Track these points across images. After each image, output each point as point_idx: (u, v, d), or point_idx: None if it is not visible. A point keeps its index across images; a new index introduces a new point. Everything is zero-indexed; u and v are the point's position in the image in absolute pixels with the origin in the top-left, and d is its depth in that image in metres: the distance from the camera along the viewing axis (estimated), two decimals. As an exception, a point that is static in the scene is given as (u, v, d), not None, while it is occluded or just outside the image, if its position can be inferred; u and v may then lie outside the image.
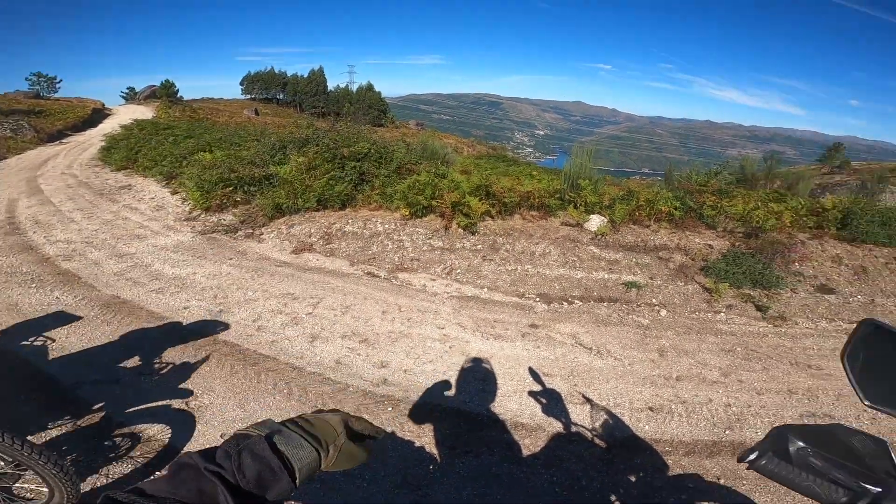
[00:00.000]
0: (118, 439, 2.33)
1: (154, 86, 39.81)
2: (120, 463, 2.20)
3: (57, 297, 3.88)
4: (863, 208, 5.43)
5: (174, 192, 7.78)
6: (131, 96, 39.96)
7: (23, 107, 20.58)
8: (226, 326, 3.53)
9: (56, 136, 16.86)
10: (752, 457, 0.65)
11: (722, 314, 4.18)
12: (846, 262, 4.97)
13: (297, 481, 0.59)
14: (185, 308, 3.81)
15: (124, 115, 23.49)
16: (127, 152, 10.54)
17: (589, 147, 6.58)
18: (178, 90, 37.52)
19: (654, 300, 4.36)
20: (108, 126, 18.81)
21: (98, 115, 23.89)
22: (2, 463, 1.69)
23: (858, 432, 0.69)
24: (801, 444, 0.67)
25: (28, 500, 1.88)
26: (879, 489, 0.59)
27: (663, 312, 4.16)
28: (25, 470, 1.70)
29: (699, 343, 3.65)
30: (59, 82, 33.89)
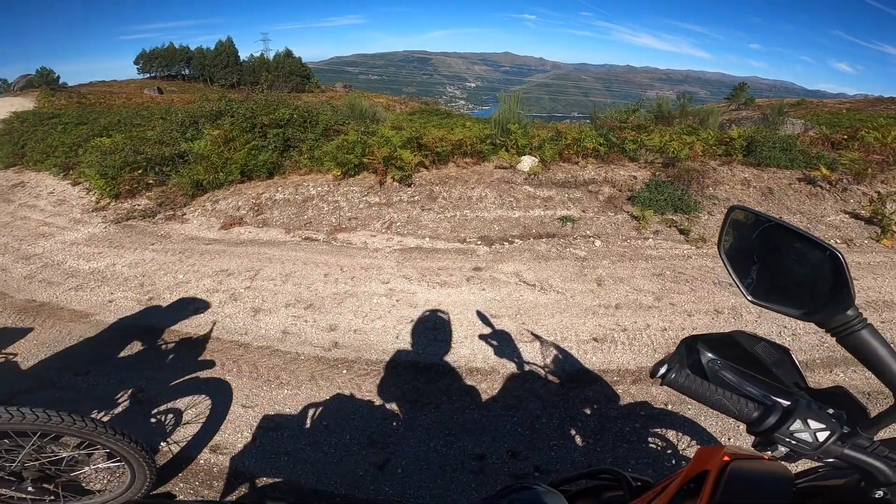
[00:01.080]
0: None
1: (29, 75, 35.15)
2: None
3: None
4: (765, 137, 5.91)
5: (75, 184, 6.97)
6: (5, 88, 34.92)
7: None
8: (159, 314, 3.32)
9: (-87, 138, 14.34)
10: (663, 371, 0.59)
11: (650, 240, 4.44)
12: (754, 185, 5.38)
13: None
14: (109, 301, 3.52)
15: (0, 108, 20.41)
16: (12, 147, 9.27)
17: (516, 94, 6.60)
18: (58, 77, 33.25)
19: (588, 232, 4.57)
20: (-20, 121, 16.26)
21: (-35, 111, 20.52)
22: (66, 450, 1.60)
23: (760, 339, 0.67)
24: (710, 355, 0.64)
25: (100, 491, 1.78)
26: (787, 403, 0.57)
27: (598, 243, 4.38)
28: (93, 455, 1.63)
29: (632, 270, 3.84)
30: None
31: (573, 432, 2.25)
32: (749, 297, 0.65)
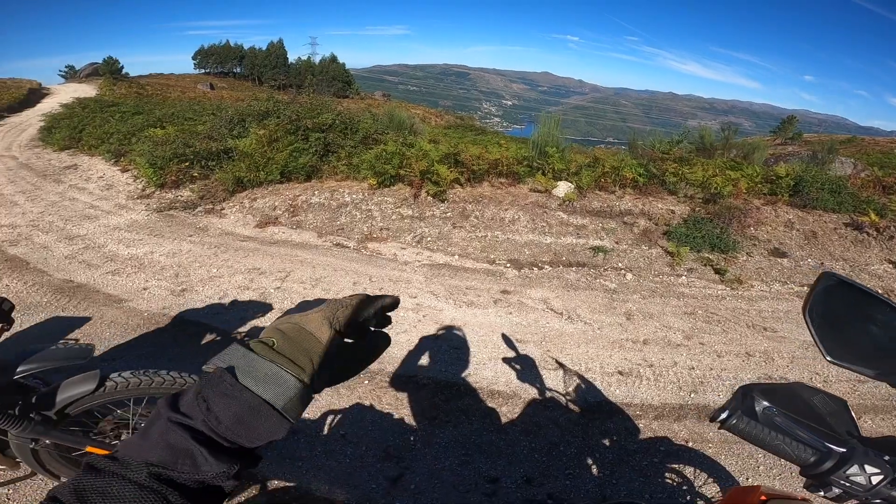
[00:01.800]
0: None
1: (96, 63, 37.20)
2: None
3: (6, 285, 3.62)
4: (813, 176, 5.67)
5: (124, 170, 7.31)
6: (71, 75, 37.12)
7: None
8: (190, 306, 3.41)
9: (-13, 119, 15.46)
10: (724, 416, 0.65)
11: (683, 277, 4.32)
12: (798, 227, 5.18)
13: (288, 417, 0.47)
14: (144, 289, 3.64)
15: (64, 93, 21.77)
16: (70, 131, 9.81)
17: (556, 116, 6.58)
18: (122, 66, 35.09)
19: (620, 264, 4.48)
20: (47, 105, 17.39)
21: (35, 95, 22.02)
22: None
23: (818, 391, 0.71)
24: (766, 403, 0.67)
25: None
26: (844, 450, 0.61)
27: (629, 276, 4.28)
28: None
29: (663, 306, 3.76)
30: (-13, 63, 31.01)
31: (590, 462, 2.22)
32: (828, 358, 0.70)
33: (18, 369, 1.46)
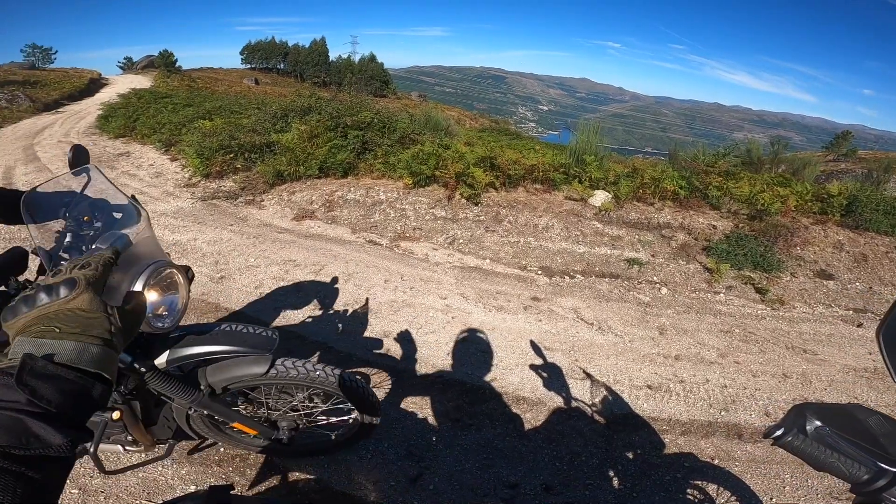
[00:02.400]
0: None
1: (152, 56, 39.19)
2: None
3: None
4: (868, 196, 5.36)
5: (173, 159, 7.68)
6: (129, 66, 39.25)
7: (18, 78, 20.15)
8: (229, 293, 3.53)
9: (52, 106, 16.56)
10: (778, 433, 0.67)
11: (721, 295, 4.18)
12: (847, 249, 4.93)
13: (105, 375, 0.55)
14: (186, 273, 3.80)
15: (122, 84, 23.04)
16: (125, 120, 10.38)
17: (595, 123, 6.47)
18: (176, 60, 36.87)
19: (655, 278, 4.36)
20: (106, 95, 18.46)
21: (95, 84, 23.42)
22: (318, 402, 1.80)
23: (875, 412, 0.71)
24: (818, 423, 0.68)
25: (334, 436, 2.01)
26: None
27: (664, 290, 4.17)
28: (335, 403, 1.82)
29: (698, 322, 3.66)
30: (54, 53, 33.34)
31: (611, 474, 2.19)
32: None
33: (214, 349, 1.51)
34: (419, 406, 2.48)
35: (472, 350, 3.03)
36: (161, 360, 1.46)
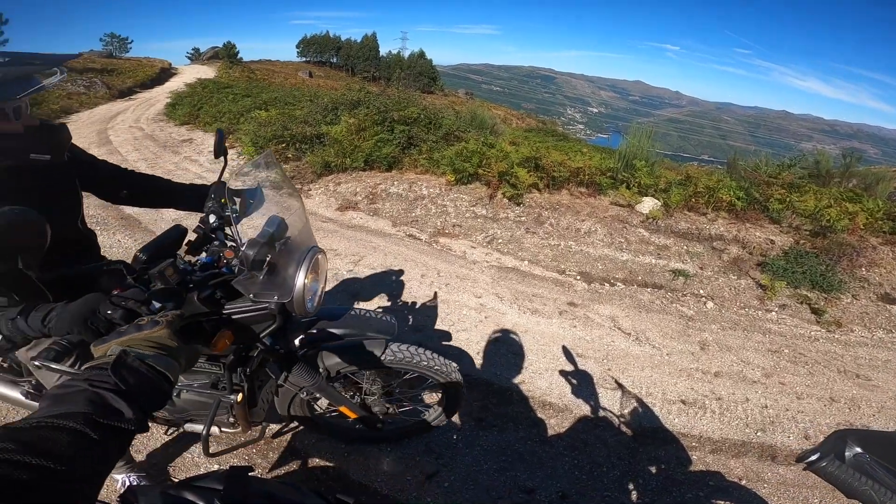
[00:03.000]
0: None
1: (217, 47, 41.20)
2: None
3: (118, 240, 4.17)
4: (949, 218, 4.86)
5: (231, 147, 8.09)
6: (195, 57, 41.48)
7: (96, 65, 21.64)
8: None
9: (126, 93, 17.77)
10: (813, 458, 0.66)
11: (773, 313, 3.94)
12: (918, 274, 4.50)
13: (172, 383, 0.76)
14: (236, 256, 4.00)
15: (189, 74, 24.40)
16: (190, 108, 11.02)
17: (648, 128, 6.23)
18: (238, 52, 38.62)
19: (701, 291, 4.16)
20: (174, 84, 19.61)
21: (165, 73, 24.89)
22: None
23: None
24: (858, 449, 0.67)
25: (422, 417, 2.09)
26: None
27: (710, 305, 3.97)
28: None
29: (744, 340, 3.48)
30: (130, 43, 35.61)
31: (631, 487, 2.13)
32: None
33: (344, 332, 1.59)
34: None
35: (503, 351, 3.01)
36: (292, 343, 1.51)
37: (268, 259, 1.20)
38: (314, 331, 1.59)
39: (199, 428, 1.66)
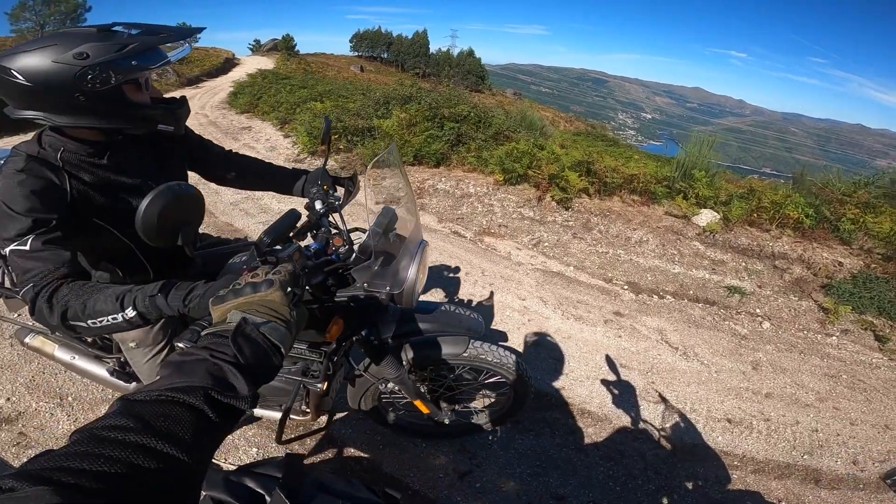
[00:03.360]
0: None
1: (276, 39, 42.76)
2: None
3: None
4: None
5: (286, 136, 8.41)
6: (256, 48, 43.25)
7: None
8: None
9: (194, 81, 18.86)
10: None
11: (834, 338, 3.69)
12: None
13: (283, 357, 0.72)
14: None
15: (250, 64, 25.52)
16: (250, 98, 11.53)
17: (710, 137, 5.95)
18: (295, 44, 39.89)
19: (757, 310, 3.94)
20: (237, 74, 20.59)
21: (229, 63, 26.10)
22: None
23: None
24: None
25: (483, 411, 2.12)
26: None
27: (766, 325, 3.76)
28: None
29: (800, 363, 3.31)
30: (199, 32, 37.57)
31: (665, 502, 2.08)
32: None
33: (435, 327, 1.61)
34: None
35: (544, 355, 2.98)
36: (386, 335, 1.53)
37: (383, 250, 1.22)
38: (415, 326, 1.59)
39: (269, 413, 1.68)
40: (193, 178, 1.56)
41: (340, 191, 1.59)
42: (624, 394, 2.71)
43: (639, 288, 4.07)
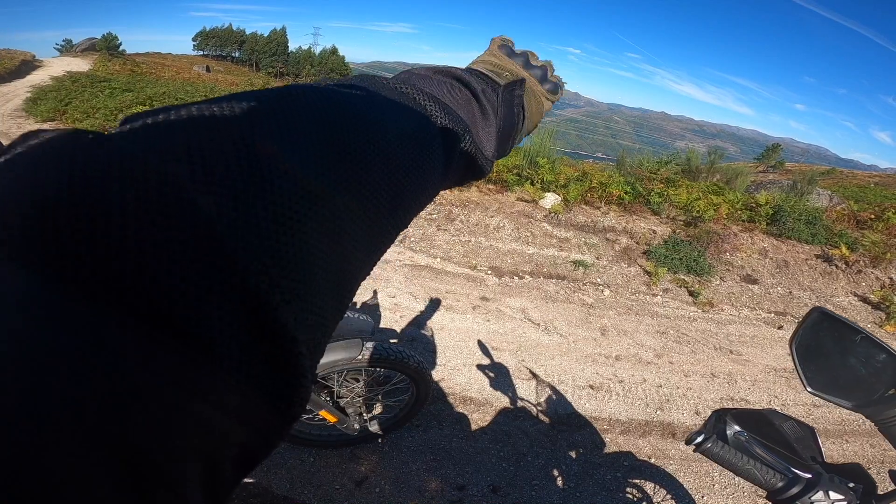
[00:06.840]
0: None
1: (94, 39, 36.68)
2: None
3: None
4: (792, 206, 5.81)
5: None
6: (67, 49, 36.47)
7: None
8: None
9: (-27, 89, 14.96)
10: (699, 440, 0.67)
11: (659, 297, 4.40)
12: (771, 256, 5.31)
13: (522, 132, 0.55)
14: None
15: (57, 67, 21.18)
16: (56, 104, 9.60)
17: (550, 127, 6.67)
18: (120, 43, 34.61)
19: (598, 280, 4.54)
20: (38, 78, 16.88)
21: (27, 66, 21.29)
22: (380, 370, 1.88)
23: (789, 418, 0.74)
24: (737, 427, 0.70)
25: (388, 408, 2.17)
26: (810, 475, 0.63)
27: (606, 292, 4.34)
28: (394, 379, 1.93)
29: (637, 324, 3.84)
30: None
31: (556, 474, 2.25)
32: (808, 389, 0.74)
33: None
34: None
35: (420, 349, 3.02)
36: None
37: None
38: None
39: None
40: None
41: None
42: (499, 376, 2.87)
43: (500, 271, 4.40)
